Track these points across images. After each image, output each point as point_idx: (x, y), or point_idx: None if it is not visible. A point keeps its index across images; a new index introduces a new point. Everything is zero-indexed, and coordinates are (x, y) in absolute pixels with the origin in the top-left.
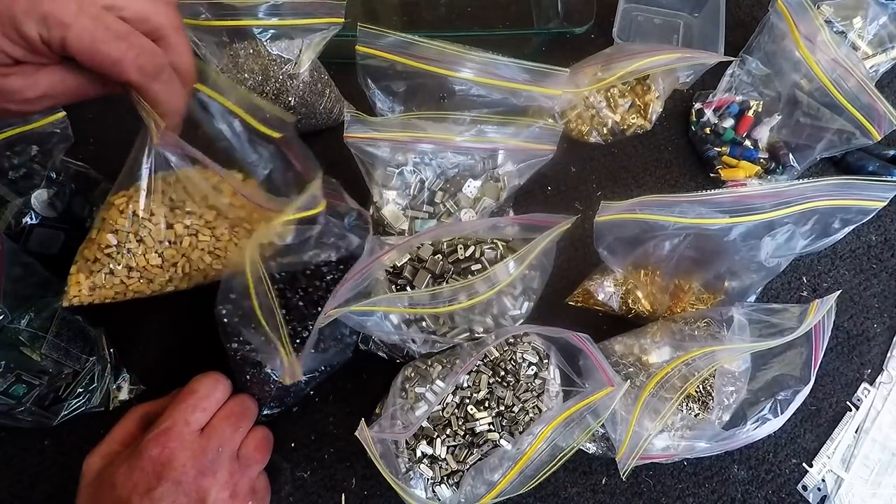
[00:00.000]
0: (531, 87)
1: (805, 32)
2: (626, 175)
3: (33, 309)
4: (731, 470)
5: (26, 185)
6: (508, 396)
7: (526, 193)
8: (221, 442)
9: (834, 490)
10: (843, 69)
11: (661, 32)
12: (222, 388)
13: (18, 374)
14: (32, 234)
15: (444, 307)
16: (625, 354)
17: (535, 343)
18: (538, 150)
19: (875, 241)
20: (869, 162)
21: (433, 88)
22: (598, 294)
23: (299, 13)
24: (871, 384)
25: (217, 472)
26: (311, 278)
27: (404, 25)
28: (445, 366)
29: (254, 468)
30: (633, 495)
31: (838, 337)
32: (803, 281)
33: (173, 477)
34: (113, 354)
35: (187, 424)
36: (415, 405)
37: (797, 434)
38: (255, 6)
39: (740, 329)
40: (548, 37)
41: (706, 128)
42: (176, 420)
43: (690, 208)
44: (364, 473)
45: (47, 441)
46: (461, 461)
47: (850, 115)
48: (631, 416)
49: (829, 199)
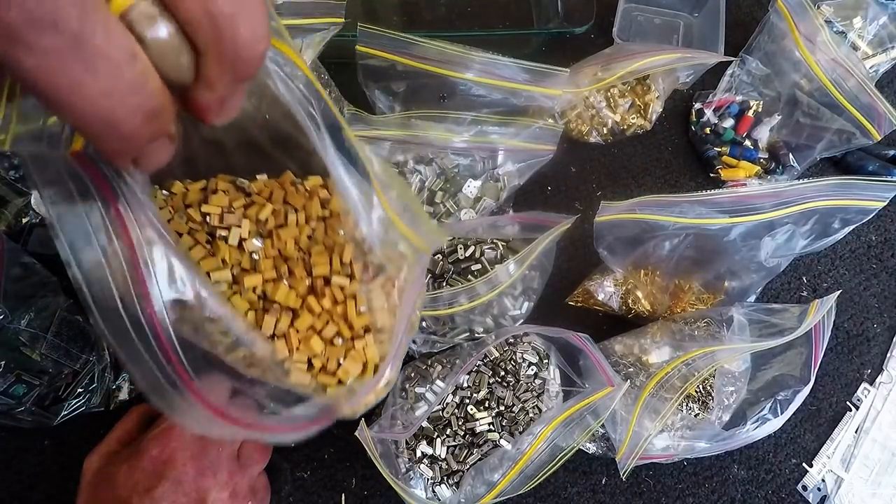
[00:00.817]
0: (531, 87)
1: (805, 32)
2: (626, 175)
3: (33, 309)
4: (731, 470)
5: (26, 185)
6: (508, 396)
7: (526, 193)
8: (221, 442)
9: (834, 490)
10: (843, 69)
11: (661, 32)
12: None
13: (18, 374)
14: (32, 234)
15: (444, 310)
16: (625, 354)
17: (535, 343)
18: (538, 150)
19: (875, 241)
20: (869, 162)
21: (433, 88)
22: (598, 294)
23: (299, 13)
24: (871, 384)
25: (217, 473)
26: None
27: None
28: (445, 366)
29: (254, 468)
30: (633, 495)
31: (838, 337)
32: (803, 281)
33: (173, 476)
34: (113, 354)
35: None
36: (415, 405)
37: (797, 434)
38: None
39: (740, 329)
40: (548, 37)
41: (706, 128)
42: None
43: (690, 208)
44: (364, 473)
45: (47, 441)
46: (461, 461)
47: (850, 115)
48: (631, 416)
49: (829, 199)
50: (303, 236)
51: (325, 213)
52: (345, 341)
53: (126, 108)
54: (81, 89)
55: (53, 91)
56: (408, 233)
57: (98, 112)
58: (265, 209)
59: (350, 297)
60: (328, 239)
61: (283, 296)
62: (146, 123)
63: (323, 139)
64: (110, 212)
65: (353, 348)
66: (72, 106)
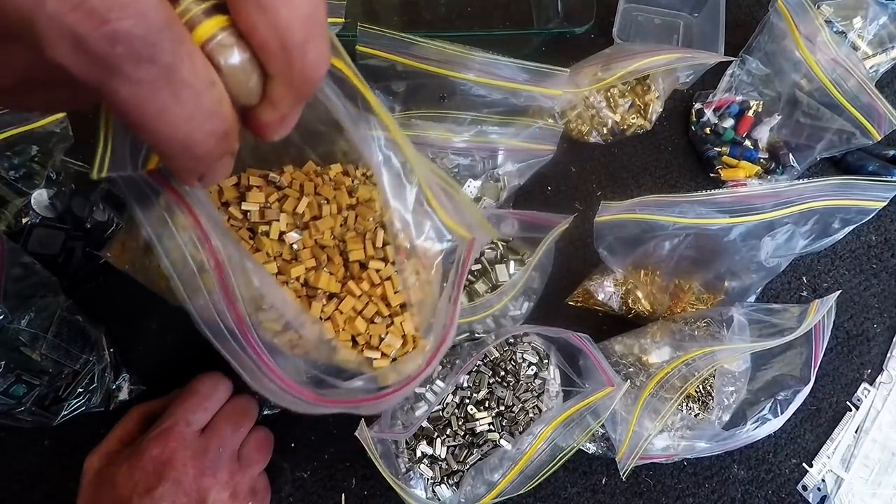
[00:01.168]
0: (531, 87)
1: (805, 32)
2: (626, 175)
3: (33, 309)
4: (731, 470)
5: (26, 185)
6: (508, 396)
7: (526, 193)
8: (222, 442)
9: (834, 490)
10: (843, 69)
11: (661, 32)
12: (223, 388)
13: (18, 374)
14: (32, 234)
15: None
16: (625, 354)
17: (535, 343)
18: (538, 150)
19: (875, 241)
20: (869, 162)
21: (433, 88)
22: (598, 294)
23: None
24: (871, 384)
25: (217, 473)
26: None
27: (404, 25)
28: (445, 366)
29: (254, 468)
30: (633, 495)
31: (838, 337)
32: (803, 281)
33: (174, 477)
34: (113, 354)
35: (188, 424)
36: (415, 405)
37: (797, 434)
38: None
39: (740, 329)
40: (548, 37)
41: (706, 128)
42: (177, 420)
43: (690, 208)
44: (364, 473)
45: (47, 441)
46: (461, 461)
47: (850, 115)
48: (631, 416)
49: (829, 199)
50: (336, 225)
51: (353, 202)
52: (384, 319)
53: (202, 132)
54: (166, 115)
55: (141, 117)
56: (440, 212)
57: (178, 135)
58: (301, 203)
59: (386, 278)
60: (359, 226)
61: (325, 282)
62: (217, 144)
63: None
64: (188, 218)
65: (393, 324)
66: (156, 130)
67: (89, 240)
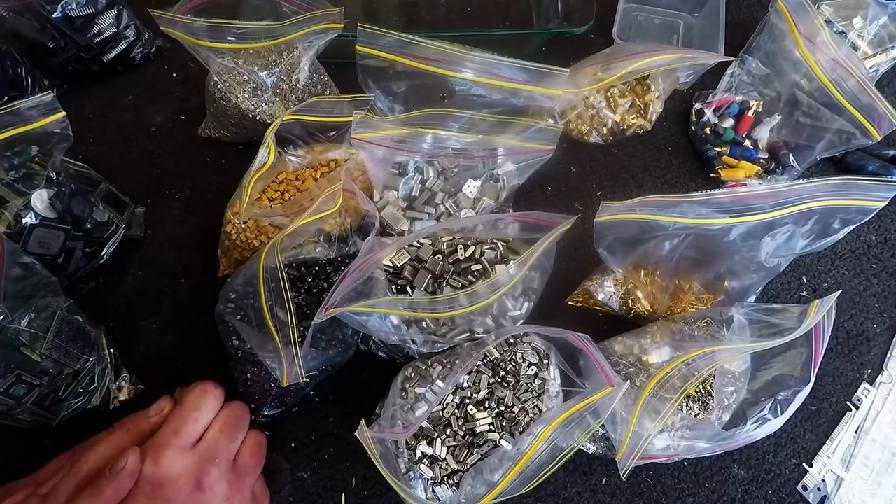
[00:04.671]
0: (531, 87)
1: (805, 32)
2: (626, 175)
3: (33, 309)
4: (731, 470)
5: (26, 185)
6: (508, 396)
7: (526, 193)
8: (218, 454)
9: (834, 490)
10: (843, 69)
11: (661, 32)
12: (215, 398)
13: (18, 375)
14: (32, 234)
15: (444, 312)
16: (625, 354)
17: (535, 343)
18: (538, 150)
19: (875, 241)
20: (869, 162)
21: (433, 88)
22: (598, 294)
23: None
24: (871, 384)
25: (215, 486)
26: (316, 278)
27: (404, 25)
28: (445, 366)
29: (251, 475)
30: (633, 495)
31: (838, 337)
32: (803, 281)
33: (168, 496)
34: (113, 354)
35: (181, 439)
36: (415, 405)
37: (797, 434)
38: (255, 29)
39: (740, 329)
40: (548, 37)
41: (706, 128)
42: (169, 436)
43: (690, 208)
44: (364, 473)
45: (47, 441)
46: (461, 461)
47: (850, 115)
48: (631, 416)
49: (829, 199)
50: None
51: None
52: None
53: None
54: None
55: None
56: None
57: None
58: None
59: None
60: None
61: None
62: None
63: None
64: None
65: None
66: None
67: (89, 240)
